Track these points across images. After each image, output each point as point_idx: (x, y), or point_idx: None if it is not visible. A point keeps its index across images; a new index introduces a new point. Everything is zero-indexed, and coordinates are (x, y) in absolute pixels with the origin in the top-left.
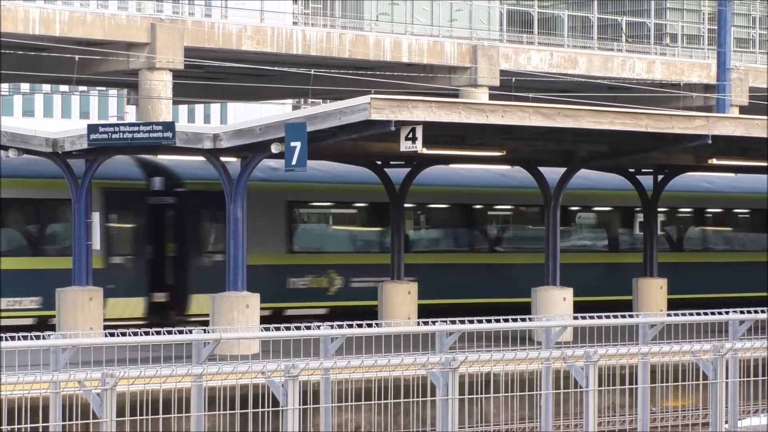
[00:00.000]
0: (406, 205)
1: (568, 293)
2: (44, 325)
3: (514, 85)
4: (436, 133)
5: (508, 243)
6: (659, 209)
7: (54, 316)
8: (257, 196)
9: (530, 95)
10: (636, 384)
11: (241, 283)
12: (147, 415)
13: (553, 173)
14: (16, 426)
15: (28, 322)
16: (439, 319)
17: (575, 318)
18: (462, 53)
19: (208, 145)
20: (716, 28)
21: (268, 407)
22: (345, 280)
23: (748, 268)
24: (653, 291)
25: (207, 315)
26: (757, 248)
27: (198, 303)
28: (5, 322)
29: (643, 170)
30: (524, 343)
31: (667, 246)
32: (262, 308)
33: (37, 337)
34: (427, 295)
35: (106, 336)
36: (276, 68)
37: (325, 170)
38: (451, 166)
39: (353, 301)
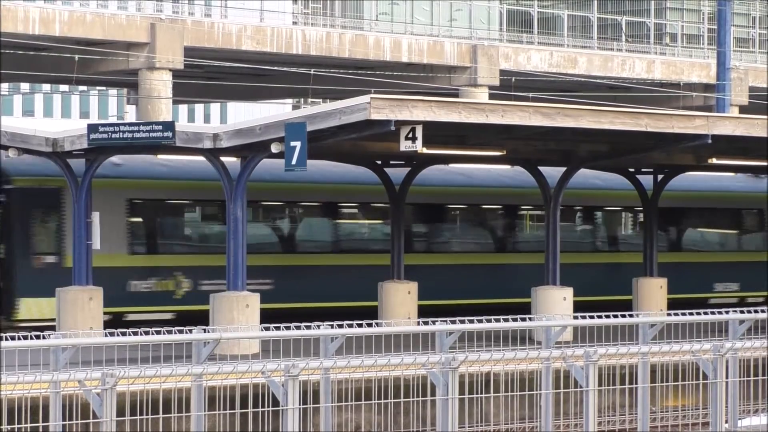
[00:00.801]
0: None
1: (568, 293)
2: None
3: (514, 85)
4: (436, 132)
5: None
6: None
7: None
8: (97, 194)
9: (530, 95)
10: (636, 384)
11: (241, 283)
12: (147, 414)
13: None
14: (16, 426)
15: None
16: (439, 319)
17: (575, 318)
18: (462, 53)
19: (208, 144)
20: (716, 27)
21: (268, 407)
22: (193, 282)
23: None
24: (653, 291)
25: (38, 320)
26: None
27: (27, 307)
28: None
29: (643, 170)
30: (524, 342)
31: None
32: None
33: (37, 337)
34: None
35: (106, 336)
36: (276, 68)
37: (171, 165)
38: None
39: (204, 305)
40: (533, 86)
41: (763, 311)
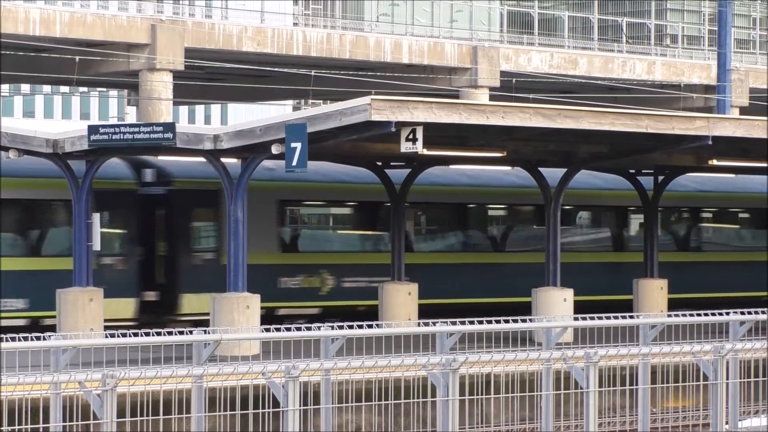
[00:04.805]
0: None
1: (568, 294)
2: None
3: (515, 86)
4: (436, 133)
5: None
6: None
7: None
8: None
9: (531, 96)
10: (636, 385)
11: (241, 284)
12: (147, 415)
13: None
14: (16, 427)
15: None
16: (439, 320)
17: (575, 319)
18: (462, 54)
19: (208, 146)
20: (716, 29)
21: (269, 408)
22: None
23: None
24: (654, 292)
25: None
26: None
27: None
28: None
29: (643, 171)
30: (525, 343)
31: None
32: None
33: (38, 338)
34: None
35: (106, 337)
36: (276, 69)
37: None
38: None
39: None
40: (534, 87)
41: (763, 312)
